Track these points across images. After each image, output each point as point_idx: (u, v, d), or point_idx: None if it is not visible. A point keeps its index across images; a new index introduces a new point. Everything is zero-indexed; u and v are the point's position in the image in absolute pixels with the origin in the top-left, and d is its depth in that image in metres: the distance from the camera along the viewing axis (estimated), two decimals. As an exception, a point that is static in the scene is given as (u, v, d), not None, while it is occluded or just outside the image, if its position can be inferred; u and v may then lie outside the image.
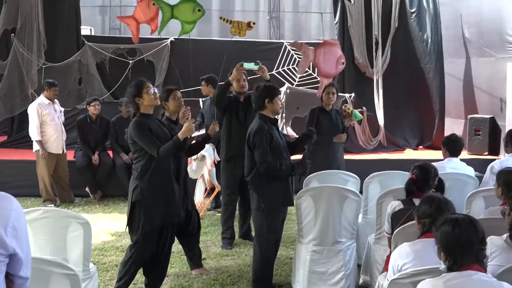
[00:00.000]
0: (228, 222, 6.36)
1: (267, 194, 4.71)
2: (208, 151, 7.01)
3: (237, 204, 6.56)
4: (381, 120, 10.51)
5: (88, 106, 8.48)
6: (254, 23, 5.43)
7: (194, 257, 5.37)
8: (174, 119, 4.94)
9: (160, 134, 4.53)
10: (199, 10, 4.98)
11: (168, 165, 4.57)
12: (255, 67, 6.05)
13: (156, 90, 4.61)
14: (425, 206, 3.39)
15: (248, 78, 6.35)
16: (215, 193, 7.38)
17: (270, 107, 4.75)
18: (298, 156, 5.20)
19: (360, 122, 9.85)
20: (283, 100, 9.41)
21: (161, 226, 4.58)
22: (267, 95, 4.74)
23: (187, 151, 4.98)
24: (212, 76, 7.08)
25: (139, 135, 4.43)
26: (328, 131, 6.43)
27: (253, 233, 6.25)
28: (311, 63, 6.48)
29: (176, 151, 4.63)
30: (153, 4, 4.99)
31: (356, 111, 6.86)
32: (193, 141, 5.64)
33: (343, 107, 6.82)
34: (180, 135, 4.53)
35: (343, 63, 5.83)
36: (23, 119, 9.39)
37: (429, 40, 10.82)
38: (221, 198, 6.79)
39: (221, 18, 5.69)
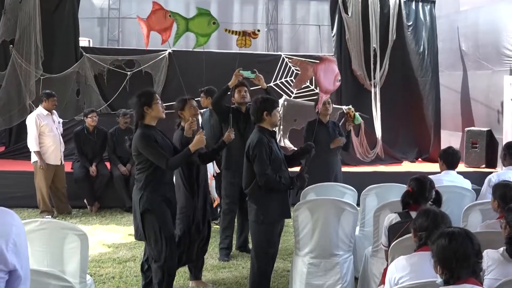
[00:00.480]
0: (226, 231, 6.37)
1: (265, 207, 4.70)
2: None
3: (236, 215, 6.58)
4: (378, 132, 10.55)
5: (85, 117, 8.49)
6: (259, 30, 5.45)
7: (195, 269, 5.37)
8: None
9: (164, 145, 4.55)
10: (214, 23, 5.02)
11: (171, 176, 4.60)
12: (252, 76, 6.14)
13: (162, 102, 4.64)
14: (421, 219, 3.38)
15: (256, 88, 6.40)
16: (214, 205, 7.39)
17: (269, 119, 4.75)
18: (296, 169, 5.22)
19: (357, 132, 9.91)
20: (280, 112, 9.45)
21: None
22: (266, 107, 4.74)
23: (202, 159, 5.01)
24: (211, 88, 7.11)
25: (146, 148, 4.44)
26: (326, 143, 6.47)
27: (250, 245, 6.28)
28: (308, 79, 6.52)
29: (187, 163, 4.67)
30: (170, 16, 5.02)
31: (357, 114, 6.91)
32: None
33: (347, 109, 6.83)
34: (192, 147, 4.55)
35: (339, 81, 5.89)
36: (21, 130, 9.42)
37: (426, 53, 10.90)
38: (219, 210, 6.80)
39: (225, 29, 5.71)
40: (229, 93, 6.18)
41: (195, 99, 5.40)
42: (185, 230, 5.09)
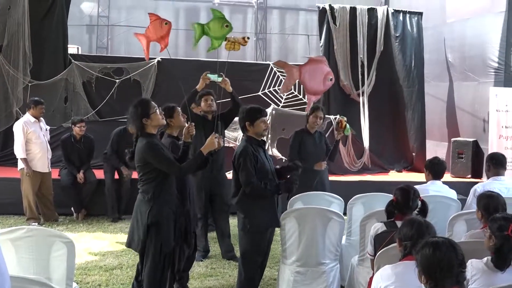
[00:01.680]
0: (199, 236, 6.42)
1: (253, 216, 4.70)
2: None
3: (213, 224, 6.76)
4: (366, 142, 10.61)
5: (73, 126, 8.43)
6: (248, 38, 5.49)
7: (182, 280, 5.33)
8: (176, 135, 4.99)
9: (167, 152, 4.52)
10: (226, 26, 5.05)
11: (175, 185, 4.55)
12: (219, 79, 6.26)
13: (160, 109, 4.57)
14: (406, 228, 3.40)
15: (241, 97, 6.46)
16: None
17: (252, 130, 4.76)
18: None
19: (345, 141, 9.96)
20: (268, 121, 9.47)
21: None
22: (248, 118, 4.76)
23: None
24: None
25: (156, 157, 4.32)
26: (312, 153, 6.50)
27: (237, 253, 6.31)
28: (296, 82, 6.54)
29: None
30: (165, 24, 5.06)
31: (348, 126, 6.94)
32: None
33: (340, 118, 6.82)
34: (204, 149, 4.44)
35: (331, 79, 5.85)
36: (8, 136, 9.38)
37: (412, 64, 11.00)
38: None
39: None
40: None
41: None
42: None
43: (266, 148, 5.16)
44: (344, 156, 10.27)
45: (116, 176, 8.38)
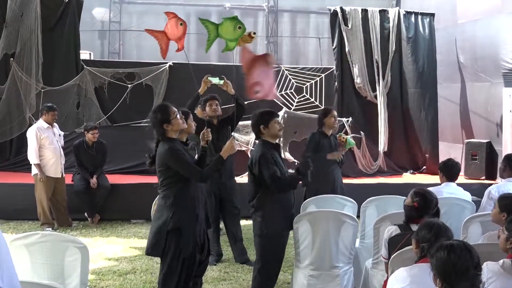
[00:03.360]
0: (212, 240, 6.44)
1: (269, 219, 4.74)
2: None
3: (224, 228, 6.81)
4: (382, 145, 10.57)
5: (86, 132, 8.47)
6: (255, 33, 5.43)
7: (196, 286, 5.30)
8: (185, 140, 4.81)
9: (190, 159, 4.50)
10: (239, 28, 5.03)
11: (195, 190, 4.51)
12: (220, 82, 6.27)
13: (180, 113, 4.54)
14: (425, 231, 3.40)
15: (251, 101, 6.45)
16: None
17: (267, 132, 4.80)
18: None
19: (359, 144, 9.93)
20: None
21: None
22: (261, 121, 4.81)
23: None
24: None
25: (178, 161, 4.33)
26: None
27: (249, 257, 6.33)
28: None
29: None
30: (181, 24, 5.04)
31: (349, 138, 6.89)
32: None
33: (337, 136, 6.81)
34: (223, 153, 4.46)
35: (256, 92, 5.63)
36: (22, 142, 9.44)
37: (425, 65, 10.93)
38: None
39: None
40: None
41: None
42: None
43: (280, 152, 5.14)
44: (360, 159, 10.24)
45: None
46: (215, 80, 6.26)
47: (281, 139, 9.42)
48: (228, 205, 6.54)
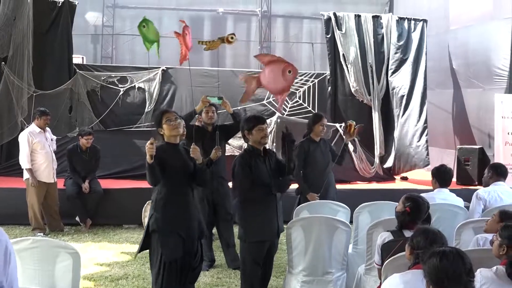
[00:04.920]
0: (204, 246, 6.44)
1: (248, 226, 4.76)
2: None
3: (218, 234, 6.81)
4: (378, 150, 10.61)
5: (80, 137, 8.43)
6: (232, 37, 5.40)
7: None
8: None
9: (177, 163, 4.42)
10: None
11: (184, 197, 4.48)
12: (218, 102, 6.34)
13: (178, 120, 4.50)
14: (420, 237, 3.42)
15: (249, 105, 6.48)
16: None
17: (251, 138, 4.83)
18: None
19: (355, 148, 9.96)
20: (273, 129, 9.49)
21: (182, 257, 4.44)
22: (246, 126, 4.84)
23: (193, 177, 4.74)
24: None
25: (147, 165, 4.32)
26: (319, 161, 6.49)
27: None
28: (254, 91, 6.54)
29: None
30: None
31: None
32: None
33: (348, 122, 6.72)
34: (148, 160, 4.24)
35: (290, 72, 5.69)
36: (13, 146, 9.36)
37: (417, 71, 10.92)
38: None
39: (199, 42, 5.69)
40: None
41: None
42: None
43: (275, 155, 5.11)
44: (357, 163, 10.26)
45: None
46: (214, 100, 6.31)
47: (274, 144, 9.45)
48: (221, 211, 6.55)
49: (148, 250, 4.51)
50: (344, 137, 6.78)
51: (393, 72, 10.96)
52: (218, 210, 6.53)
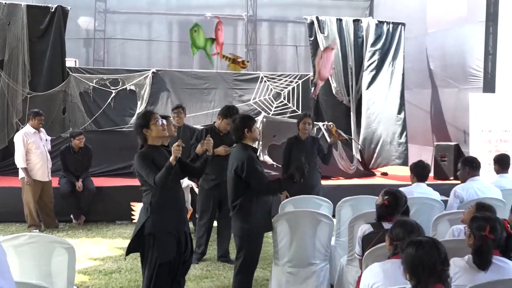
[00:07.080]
0: (201, 240, 6.61)
1: (249, 221, 4.82)
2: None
3: (216, 226, 6.83)
4: (354, 148, 10.89)
5: (72, 139, 8.56)
6: (248, 61, 5.71)
7: (179, 285, 5.13)
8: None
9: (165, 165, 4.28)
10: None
11: (177, 198, 4.49)
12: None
13: (164, 122, 4.44)
14: (399, 229, 3.48)
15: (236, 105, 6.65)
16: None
17: (250, 135, 4.91)
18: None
19: (336, 146, 10.24)
20: (260, 129, 9.76)
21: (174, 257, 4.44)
22: (246, 125, 4.92)
23: (192, 172, 4.83)
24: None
25: (141, 167, 4.29)
26: (305, 159, 6.74)
27: (231, 256, 6.48)
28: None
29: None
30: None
31: (340, 131, 7.12)
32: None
33: (328, 125, 6.94)
34: (172, 160, 4.21)
35: (334, 68, 6.10)
36: (9, 147, 9.55)
37: (395, 72, 11.21)
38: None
39: (223, 57, 5.93)
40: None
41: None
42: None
43: (258, 154, 5.36)
44: (338, 160, 10.38)
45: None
46: None
47: (260, 142, 9.67)
48: (225, 208, 6.32)
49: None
50: (331, 138, 7.07)
51: (372, 73, 11.19)
52: (223, 207, 6.45)
